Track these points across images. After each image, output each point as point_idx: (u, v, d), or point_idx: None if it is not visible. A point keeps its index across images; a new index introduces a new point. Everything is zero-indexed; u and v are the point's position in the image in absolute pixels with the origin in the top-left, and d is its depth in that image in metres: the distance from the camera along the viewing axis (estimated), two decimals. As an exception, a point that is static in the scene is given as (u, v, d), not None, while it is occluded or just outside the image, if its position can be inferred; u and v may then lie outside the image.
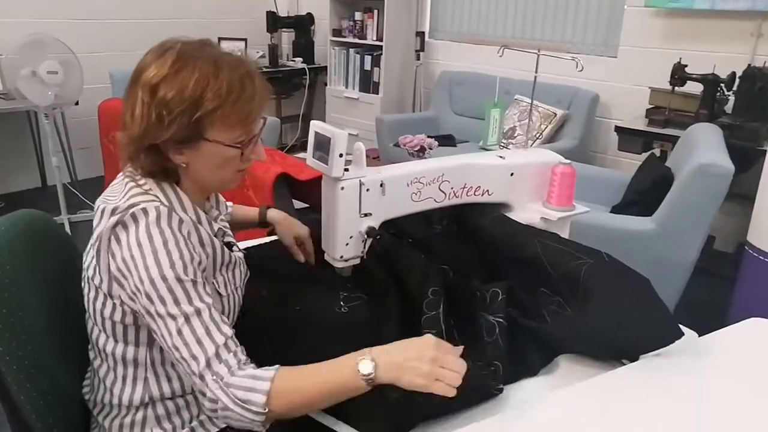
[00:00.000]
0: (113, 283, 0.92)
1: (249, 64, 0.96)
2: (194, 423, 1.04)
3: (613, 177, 2.96)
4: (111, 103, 3.10)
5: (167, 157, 0.94)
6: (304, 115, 4.94)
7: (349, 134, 1.10)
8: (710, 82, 2.90)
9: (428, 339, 0.89)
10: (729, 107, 2.99)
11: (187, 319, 0.87)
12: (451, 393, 0.82)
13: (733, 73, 2.82)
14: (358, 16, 4.41)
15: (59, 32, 3.33)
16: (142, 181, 0.97)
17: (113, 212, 0.91)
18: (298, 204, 2.32)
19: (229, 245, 1.10)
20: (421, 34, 4.36)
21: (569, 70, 2.55)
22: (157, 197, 0.95)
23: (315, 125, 1.12)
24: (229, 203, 1.34)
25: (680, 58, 2.96)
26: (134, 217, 0.90)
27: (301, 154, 4.02)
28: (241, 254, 1.15)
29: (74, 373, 1.07)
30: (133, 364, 0.99)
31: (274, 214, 1.35)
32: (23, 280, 0.95)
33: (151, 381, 1.00)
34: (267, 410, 0.85)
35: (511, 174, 1.31)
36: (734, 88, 2.85)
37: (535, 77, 1.36)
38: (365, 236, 1.17)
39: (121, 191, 0.96)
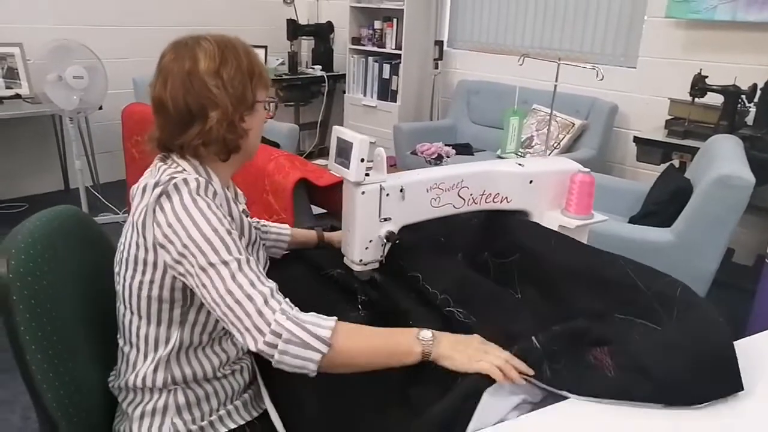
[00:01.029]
0: (157, 250, 0.97)
1: None
2: (213, 417, 1.07)
3: (631, 187, 2.95)
4: (134, 107, 3.15)
5: (239, 128, 1.06)
6: (323, 122, 4.98)
7: (371, 142, 1.12)
8: (731, 93, 2.88)
9: (475, 336, 1.01)
10: (750, 119, 2.96)
11: (239, 264, 0.94)
12: (501, 378, 0.92)
13: (755, 85, 2.80)
14: (377, 24, 4.45)
15: (85, 38, 3.41)
16: (174, 165, 1.04)
17: (155, 185, 0.97)
18: (316, 209, 2.34)
19: None
20: (439, 43, 4.38)
21: (588, 80, 2.56)
22: (192, 173, 1.02)
23: (337, 130, 1.14)
24: (286, 226, 1.43)
25: (701, 69, 2.95)
26: (176, 186, 0.97)
27: (319, 161, 4.05)
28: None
29: (100, 367, 1.09)
30: (164, 344, 1.03)
31: (331, 235, 1.44)
32: (56, 273, 0.99)
33: (174, 364, 1.04)
34: (331, 344, 0.92)
35: (530, 181, 1.32)
36: (755, 99, 2.82)
37: (555, 86, 1.37)
38: (384, 240, 1.18)
39: (156, 173, 1.03)
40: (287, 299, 0.96)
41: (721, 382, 0.94)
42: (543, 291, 1.21)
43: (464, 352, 0.96)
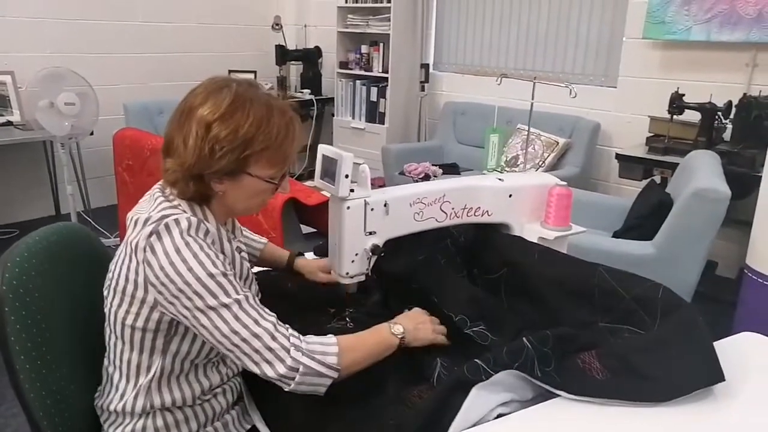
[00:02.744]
0: (149, 289, 0.97)
1: (292, 110, 1.07)
2: None
3: (614, 203, 3.02)
4: (126, 132, 3.19)
5: (208, 185, 1.02)
6: (312, 145, 5.04)
7: (356, 163, 1.16)
8: (707, 110, 2.97)
9: (417, 311, 1.21)
10: (727, 135, 3.05)
11: (239, 304, 0.97)
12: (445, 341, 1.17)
13: (730, 102, 2.90)
14: (364, 49, 4.55)
15: (76, 65, 3.46)
16: (171, 197, 1.04)
17: (146, 222, 0.98)
18: (305, 229, 2.39)
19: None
20: (425, 66, 4.48)
21: (570, 99, 2.64)
22: (186, 211, 1.02)
23: (322, 148, 1.19)
24: (263, 238, 1.42)
25: (678, 88, 3.04)
26: (167, 227, 0.97)
27: (309, 183, 4.10)
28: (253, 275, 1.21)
29: (89, 382, 1.11)
30: (145, 372, 1.04)
31: (300, 261, 1.41)
32: (49, 287, 1.02)
33: (155, 391, 1.05)
34: (341, 368, 1.00)
35: (510, 195, 1.37)
36: (731, 116, 2.92)
37: (532, 104, 1.43)
38: (370, 253, 1.22)
39: (152, 205, 1.03)
40: (288, 326, 1.00)
41: (704, 374, 0.99)
42: (529, 303, 1.26)
43: (425, 331, 1.15)
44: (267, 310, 1.01)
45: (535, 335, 1.06)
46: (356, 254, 1.22)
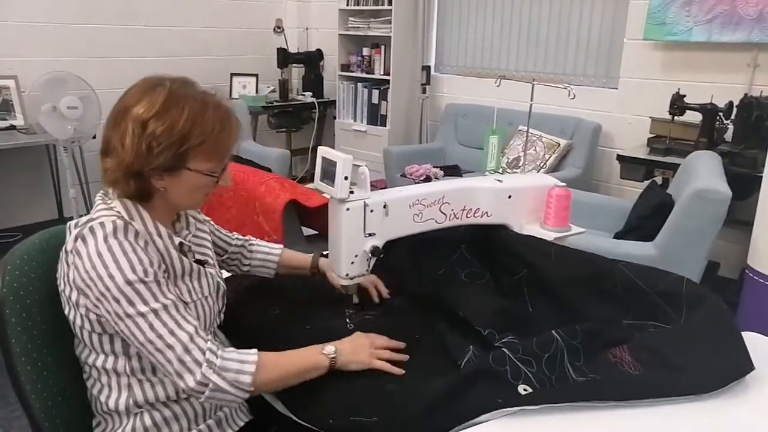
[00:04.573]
0: (78, 293, 0.99)
1: (228, 104, 1.08)
2: None
3: (616, 204, 3.02)
4: (127, 136, 3.21)
5: (149, 182, 1.02)
6: (314, 147, 5.05)
7: (355, 165, 1.17)
8: (708, 111, 2.97)
9: (359, 335, 1.14)
10: (729, 135, 3.05)
11: (156, 314, 0.96)
12: (393, 369, 1.08)
13: (731, 103, 2.89)
14: (365, 51, 4.56)
15: (79, 69, 3.48)
16: (109, 200, 1.05)
17: (76, 226, 1.00)
18: (306, 231, 2.39)
19: (200, 262, 1.15)
20: (427, 68, 4.48)
21: (571, 100, 2.65)
22: (119, 213, 1.02)
23: (322, 151, 1.20)
24: (278, 245, 1.42)
25: (678, 89, 3.04)
26: (92, 230, 0.97)
27: (311, 185, 4.11)
28: (213, 270, 1.18)
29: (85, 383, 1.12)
30: (114, 373, 1.04)
31: (325, 262, 1.36)
32: (48, 289, 1.04)
33: (135, 387, 1.05)
34: (252, 388, 0.99)
35: (509, 196, 1.38)
36: (732, 116, 2.91)
37: (530, 105, 1.44)
38: (369, 255, 1.23)
39: (93, 211, 1.04)
40: (206, 339, 0.99)
41: (736, 364, 0.99)
42: (552, 304, 1.25)
43: (362, 354, 1.09)
44: (189, 319, 1.00)
45: (564, 329, 1.06)
46: (356, 255, 1.23)
